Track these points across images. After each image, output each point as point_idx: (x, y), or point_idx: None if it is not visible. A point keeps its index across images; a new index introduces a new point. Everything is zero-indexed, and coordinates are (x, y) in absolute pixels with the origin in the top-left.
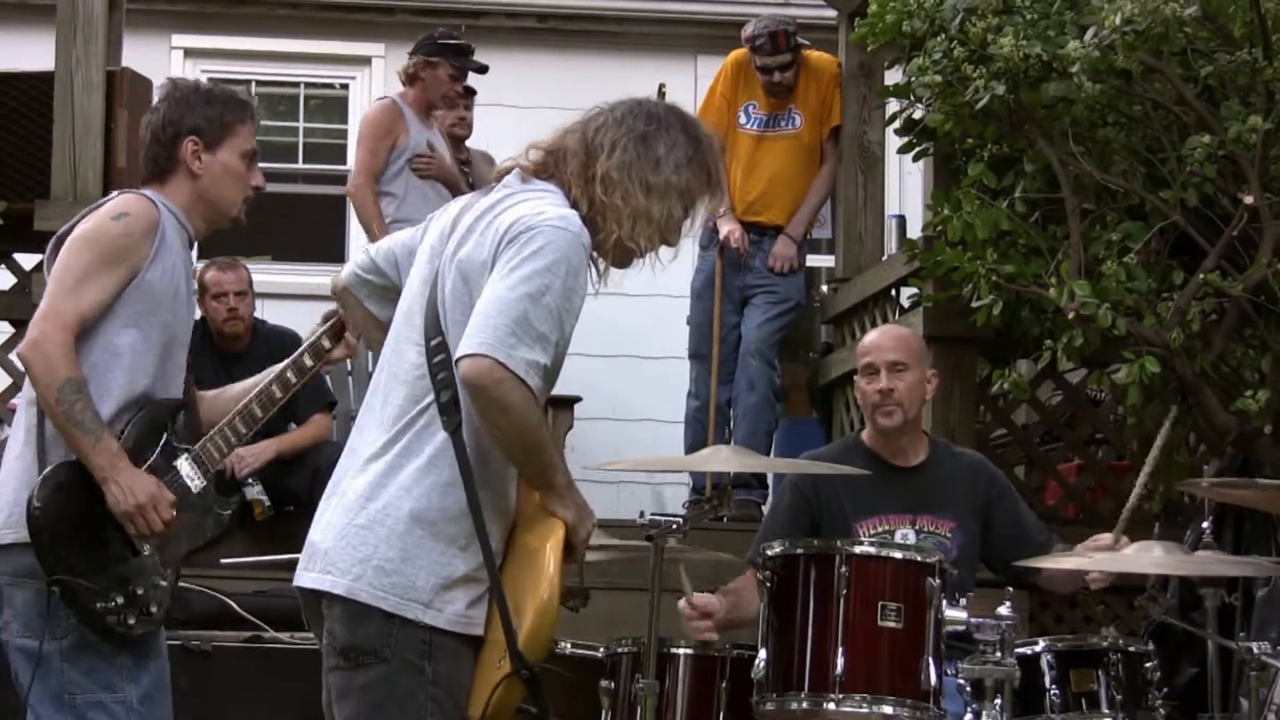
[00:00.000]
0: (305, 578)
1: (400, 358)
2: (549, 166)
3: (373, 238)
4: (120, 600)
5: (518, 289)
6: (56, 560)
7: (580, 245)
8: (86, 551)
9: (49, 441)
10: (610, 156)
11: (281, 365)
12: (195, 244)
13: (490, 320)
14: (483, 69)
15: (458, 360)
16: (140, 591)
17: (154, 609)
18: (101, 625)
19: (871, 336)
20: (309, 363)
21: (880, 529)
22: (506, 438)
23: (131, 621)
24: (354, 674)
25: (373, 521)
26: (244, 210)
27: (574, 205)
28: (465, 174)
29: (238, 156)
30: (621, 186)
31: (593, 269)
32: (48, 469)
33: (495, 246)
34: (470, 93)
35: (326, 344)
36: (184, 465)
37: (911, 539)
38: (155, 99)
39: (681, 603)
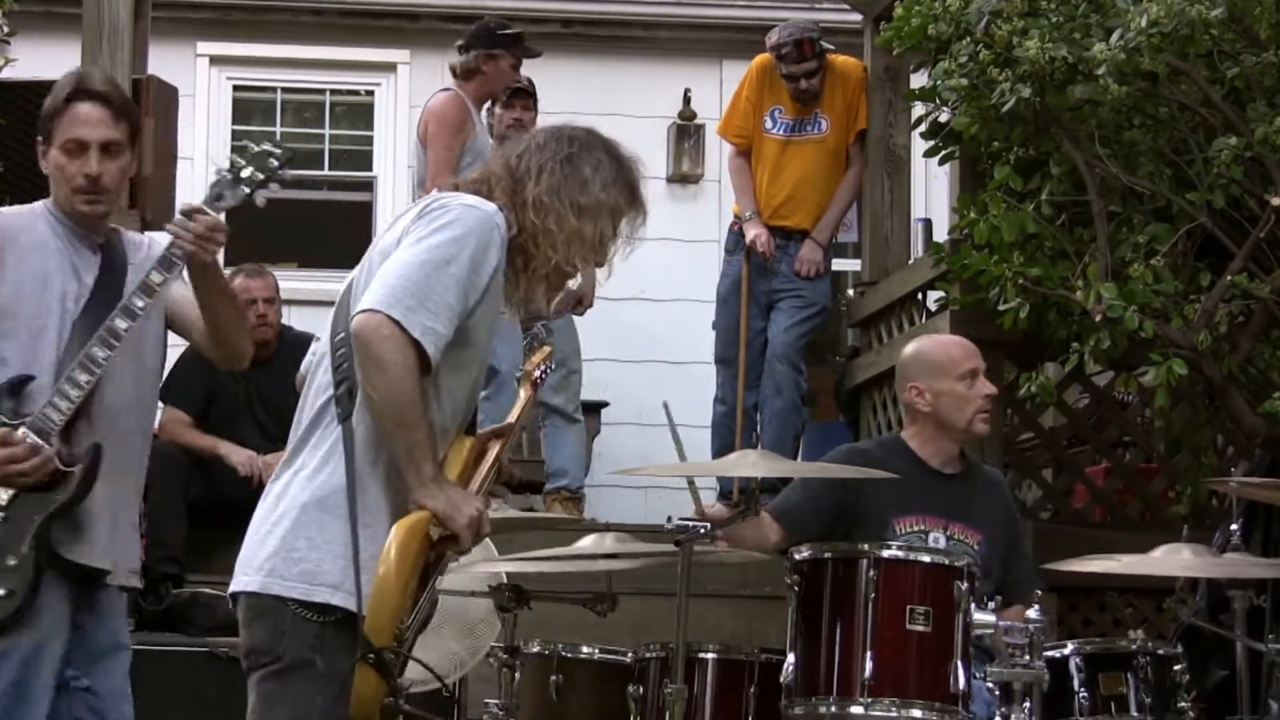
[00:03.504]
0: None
1: (319, 363)
2: (469, 190)
3: None
4: None
5: (421, 256)
6: None
7: (493, 225)
8: None
9: None
10: (539, 181)
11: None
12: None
13: (389, 281)
14: (536, 54)
15: (351, 317)
16: None
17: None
18: None
19: (957, 342)
20: (156, 279)
21: (916, 528)
22: (381, 399)
23: None
24: (255, 675)
25: (282, 517)
26: (86, 201)
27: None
28: None
29: (60, 151)
30: (554, 210)
31: (536, 301)
32: None
33: (408, 226)
34: (526, 94)
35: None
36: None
37: (942, 543)
38: None
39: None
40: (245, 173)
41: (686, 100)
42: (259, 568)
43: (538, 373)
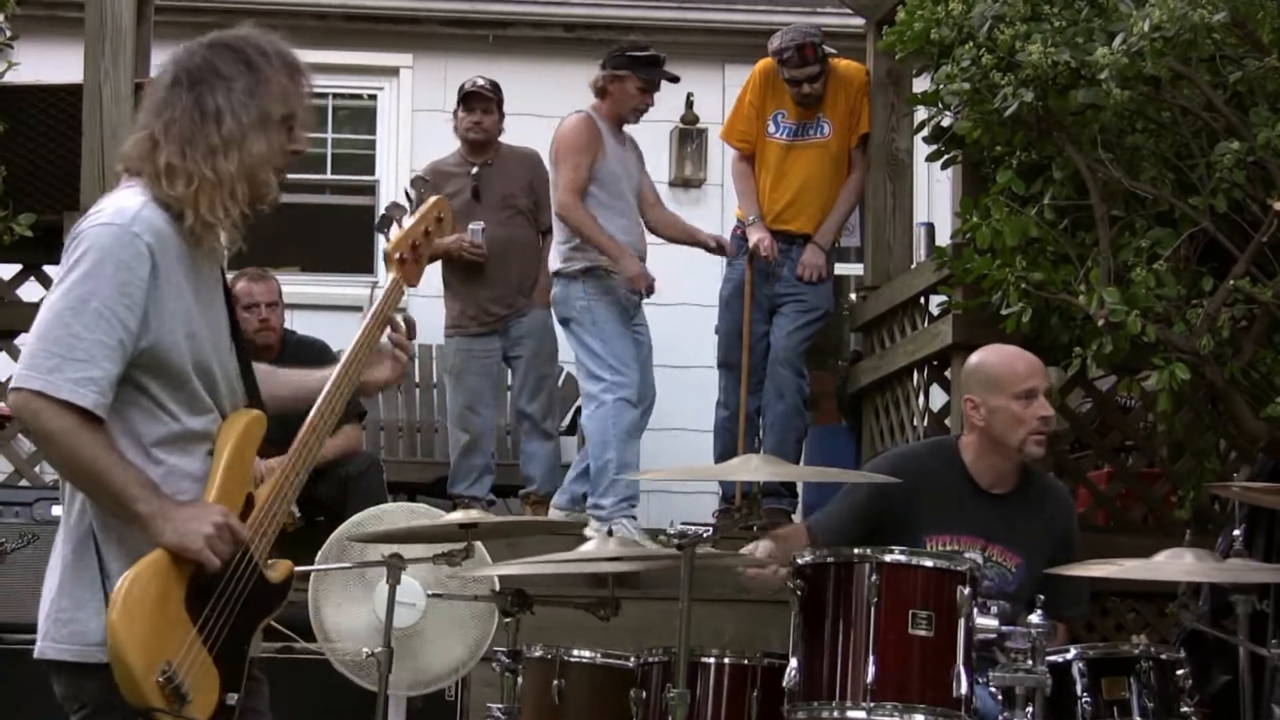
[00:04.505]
0: None
1: None
2: (131, 173)
3: (601, 248)
4: None
5: (57, 305)
6: None
7: (130, 236)
8: None
9: None
10: (169, 142)
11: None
12: None
13: (31, 348)
14: (674, 79)
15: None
16: None
17: None
18: None
19: (1021, 356)
20: None
21: (950, 548)
22: (61, 469)
23: None
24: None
25: (52, 575)
26: None
27: (165, 205)
28: (477, 176)
29: None
30: (184, 172)
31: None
32: None
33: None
34: (483, 98)
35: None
36: None
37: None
38: None
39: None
40: None
41: (689, 105)
42: (42, 631)
43: (398, 251)
